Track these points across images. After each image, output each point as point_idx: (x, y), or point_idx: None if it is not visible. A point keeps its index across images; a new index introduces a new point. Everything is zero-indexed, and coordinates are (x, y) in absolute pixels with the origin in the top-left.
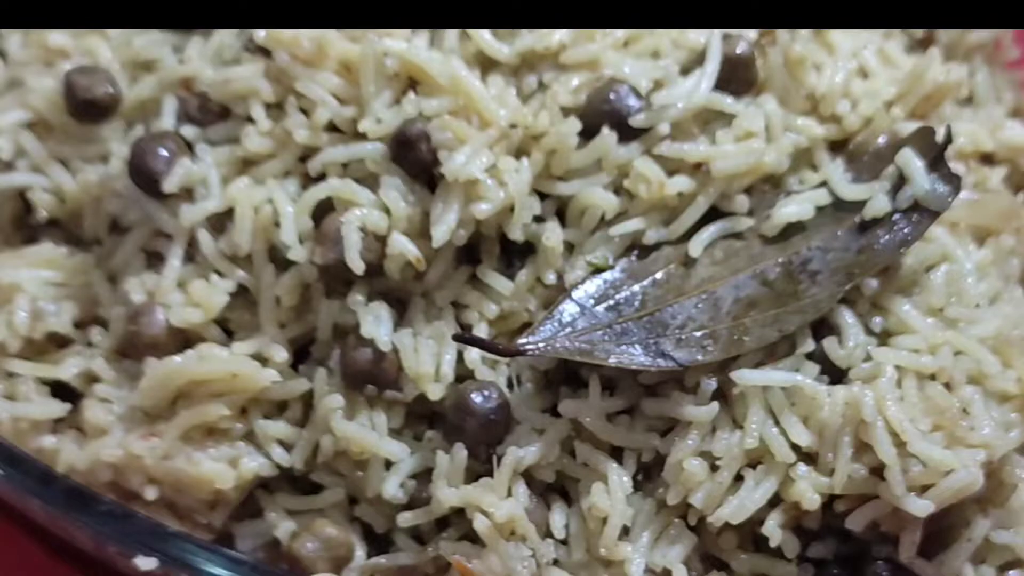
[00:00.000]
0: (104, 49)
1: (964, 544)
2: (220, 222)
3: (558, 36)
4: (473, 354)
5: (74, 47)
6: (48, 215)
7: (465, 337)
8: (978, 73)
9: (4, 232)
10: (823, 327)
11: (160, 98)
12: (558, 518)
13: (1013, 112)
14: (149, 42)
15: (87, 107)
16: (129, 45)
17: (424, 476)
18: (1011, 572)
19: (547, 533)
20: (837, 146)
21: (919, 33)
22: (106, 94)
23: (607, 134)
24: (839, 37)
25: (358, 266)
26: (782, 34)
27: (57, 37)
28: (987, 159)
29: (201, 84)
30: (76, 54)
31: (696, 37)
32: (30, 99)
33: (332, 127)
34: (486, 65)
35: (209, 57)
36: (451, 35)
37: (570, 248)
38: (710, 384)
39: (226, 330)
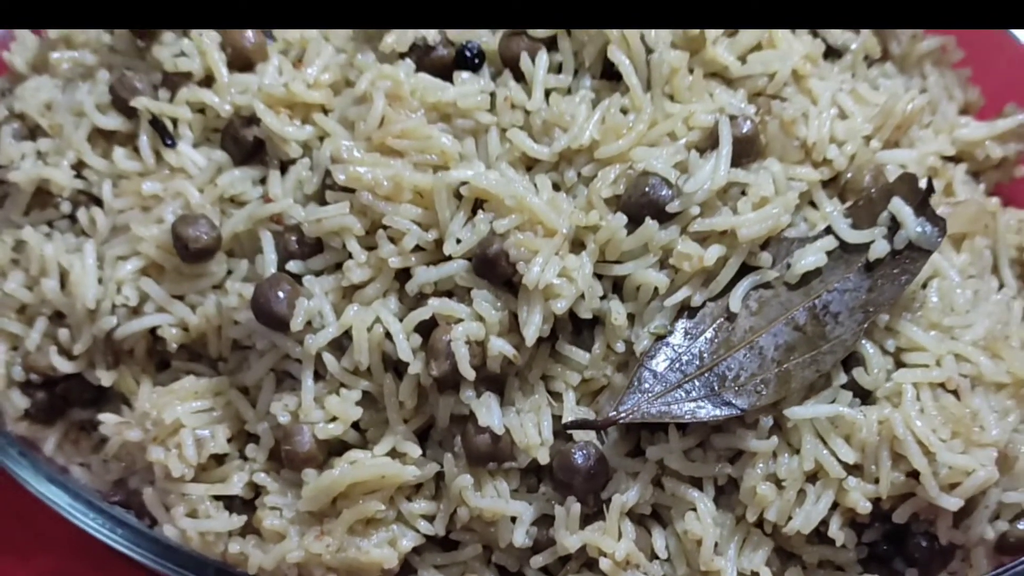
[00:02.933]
0: (192, 190)
1: (982, 510)
2: (338, 341)
3: (588, 134)
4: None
5: (163, 191)
6: (176, 345)
7: (574, 423)
8: (930, 77)
9: (141, 363)
10: (849, 358)
11: (253, 230)
12: (659, 542)
13: (964, 107)
14: (231, 179)
15: (197, 254)
16: (213, 184)
17: (542, 521)
18: (1021, 522)
19: (652, 555)
20: (828, 182)
21: (876, 52)
22: (210, 239)
23: (650, 223)
24: (817, 84)
25: (471, 374)
26: (775, 103)
27: (149, 185)
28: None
29: (290, 219)
30: (168, 197)
31: (705, 118)
32: (141, 247)
33: (418, 247)
34: (529, 164)
35: (291, 191)
36: (494, 141)
37: (630, 317)
38: (768, 421)
39: (356, 426)
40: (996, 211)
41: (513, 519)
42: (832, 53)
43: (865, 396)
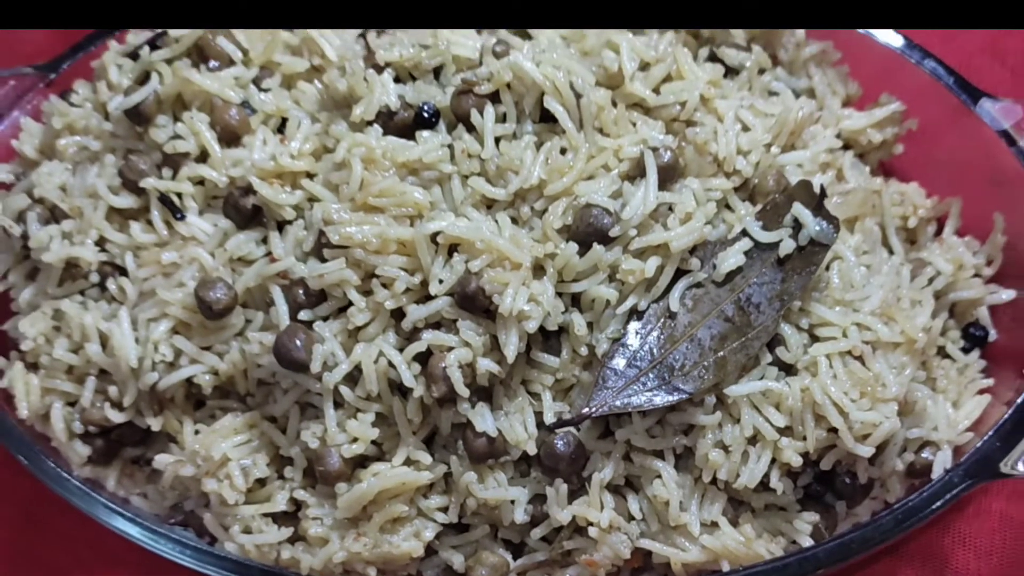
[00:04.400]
0: (205, 256)
1: (892, 448)
2: (350, 375)
3: (536, 174)
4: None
5: (180, 258)
6: (210, 388)
7: (559, 422)
8: (815, 76)
9: (181, 407)
10: (773, 339)
11: (263, 285)
12: (634, 506)
13: (846, 99)
14: (237, 242)
15: (219, 313)
16: (223, 248)
17: (536, 500)
18: (925, 451)
19: (629, 517)
20: (739, 188)
21: (768, 63)
22: (229, 298)
23: (597, 248)
24: (721, 104)
25: (465, 392)
26: (689, 130)
27: (167, 255)
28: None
29: (294, 274)
30: (184, 263)
31: (631, 150)
32: (168, 310)
33: (407, 289)
34: (489, 204)
35: (291, 249)
36: (457, 188)
37: (590, 326)
38: (711, 399)
39: (373, 442)
40: (881, 189)
41: (512, 502)
42: (730, 71)
43: (788, 369)
